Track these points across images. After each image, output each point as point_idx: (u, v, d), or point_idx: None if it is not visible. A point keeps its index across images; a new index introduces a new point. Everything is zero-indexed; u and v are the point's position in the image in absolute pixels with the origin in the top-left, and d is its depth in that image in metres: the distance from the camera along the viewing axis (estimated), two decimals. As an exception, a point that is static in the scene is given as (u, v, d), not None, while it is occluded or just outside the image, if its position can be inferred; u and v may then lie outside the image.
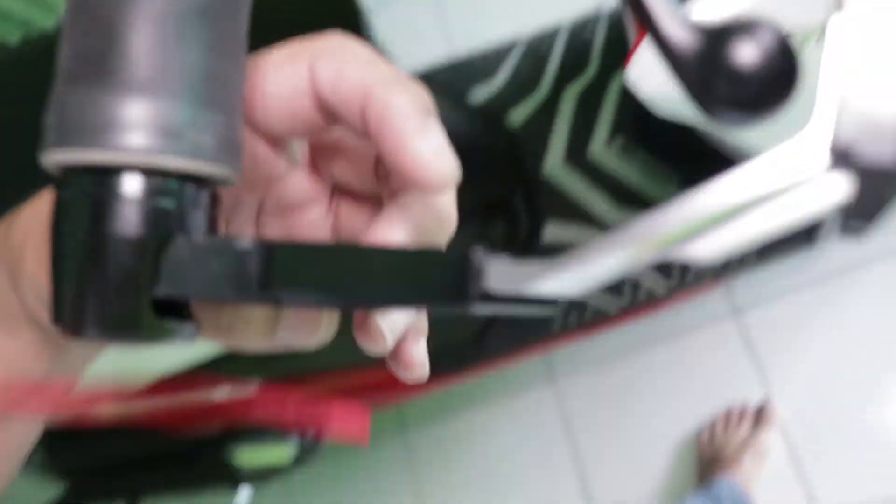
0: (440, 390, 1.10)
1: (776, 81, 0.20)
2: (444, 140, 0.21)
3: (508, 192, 1.05)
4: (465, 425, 1.37)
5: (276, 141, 0.24)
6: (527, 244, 1.06)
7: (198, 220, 0.20)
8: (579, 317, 1.08)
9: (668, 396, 1.24)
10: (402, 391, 1.09)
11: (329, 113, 0.22)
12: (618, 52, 0.99)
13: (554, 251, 1.06)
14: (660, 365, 1.25)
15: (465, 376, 1.09)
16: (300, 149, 0.25)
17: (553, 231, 1.06)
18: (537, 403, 1.33)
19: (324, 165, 0.26)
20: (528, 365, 1.28)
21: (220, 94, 0.20)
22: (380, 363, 1.00)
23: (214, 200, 0.21)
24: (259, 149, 0.23)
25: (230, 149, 0.21)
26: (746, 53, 0.20)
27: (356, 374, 1.08)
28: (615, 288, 1.06)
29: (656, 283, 1.06)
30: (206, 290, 0.20)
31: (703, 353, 1.23)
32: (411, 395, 1.10)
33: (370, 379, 1.08)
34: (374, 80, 0.21)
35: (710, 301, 1.24)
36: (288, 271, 0.19)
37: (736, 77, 0.19)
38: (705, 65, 0.20)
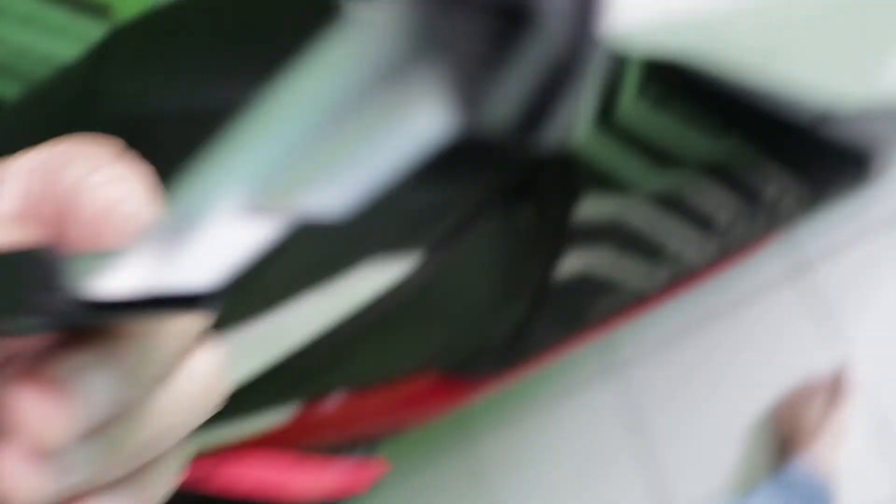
0: (491, 392, 1.09)
1: None
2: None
3: (533, 172, 0.92)
4: (529, 426, 1.32)
5: None
6: (559, 226, 0.97)
7: None
8: (619, 300, 1.05)
9: (736, 373, 1.16)
10: (450, 400, 1.07)
11: None
12: None
13: (591, 229, 0.99)
14: (723, 340, 1.18)
15: (514, 375, 1.08)
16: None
17: (589, 206, 0.97)
18: (600, 396, 1.28)
19: None
20: (585, 354, 1.23)
21: None
22: (424, 371, 0.99)
23: None
24: None
25: None
26: None
27: (402, 385, 1.04)
28: (653, 260, 1.01)
29: (698, 248, 1.02)
30: None
31: (770, 319, 1.14)
32: (461, 403, 1.09)
33: (415, 389, 1.05)
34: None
35: (769, 263, 1.15)
36: None
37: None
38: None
